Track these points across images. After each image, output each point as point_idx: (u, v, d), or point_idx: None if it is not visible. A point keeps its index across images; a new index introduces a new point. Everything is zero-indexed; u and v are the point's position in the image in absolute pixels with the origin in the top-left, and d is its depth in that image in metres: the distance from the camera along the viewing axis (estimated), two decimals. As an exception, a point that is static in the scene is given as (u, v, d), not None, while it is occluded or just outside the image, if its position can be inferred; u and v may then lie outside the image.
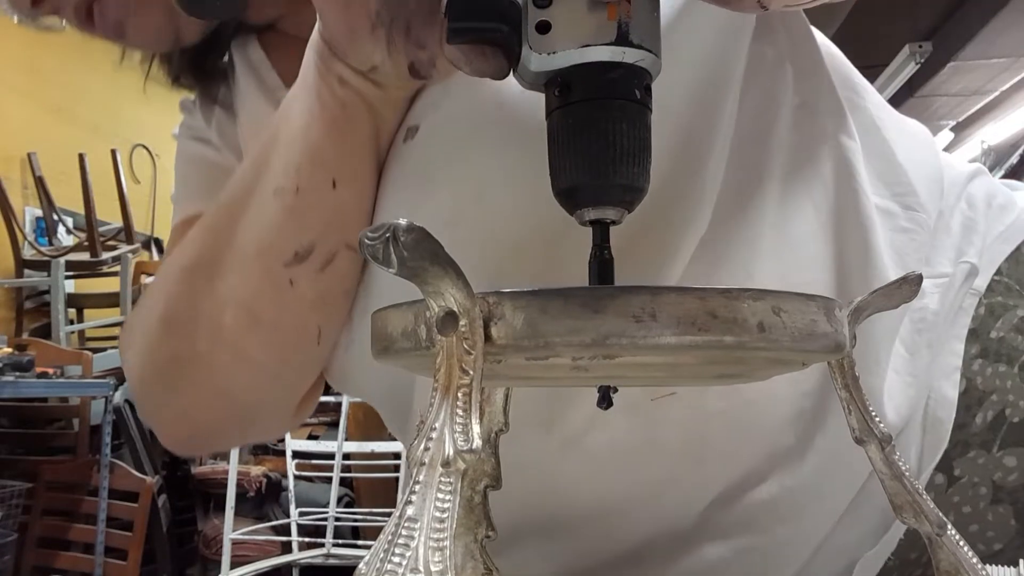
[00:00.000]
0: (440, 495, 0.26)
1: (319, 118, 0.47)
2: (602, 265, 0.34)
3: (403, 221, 0.26)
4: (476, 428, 0.28)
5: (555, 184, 0.35)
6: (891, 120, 0.60)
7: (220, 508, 3.39)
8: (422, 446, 0.27)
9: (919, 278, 0.35)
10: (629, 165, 0.34)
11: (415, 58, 0.43)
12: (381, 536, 0.27)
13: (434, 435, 0.27)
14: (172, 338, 0.54)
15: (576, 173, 0.34)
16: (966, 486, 0.53)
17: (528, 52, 0.34)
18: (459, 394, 0.28)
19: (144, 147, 4.75)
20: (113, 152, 3.77)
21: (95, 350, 3.42)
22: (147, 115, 4.82)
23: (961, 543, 0.35)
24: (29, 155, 3.71)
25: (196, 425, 0.57)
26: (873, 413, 0.35)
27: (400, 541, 0.25)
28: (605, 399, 0.38)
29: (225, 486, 2.91)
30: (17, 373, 2.56)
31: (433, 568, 0.25)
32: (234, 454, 2.94)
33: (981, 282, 0.56)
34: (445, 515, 0.26)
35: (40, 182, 3.66)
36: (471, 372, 0.28)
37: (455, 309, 0.28)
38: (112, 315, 3.70)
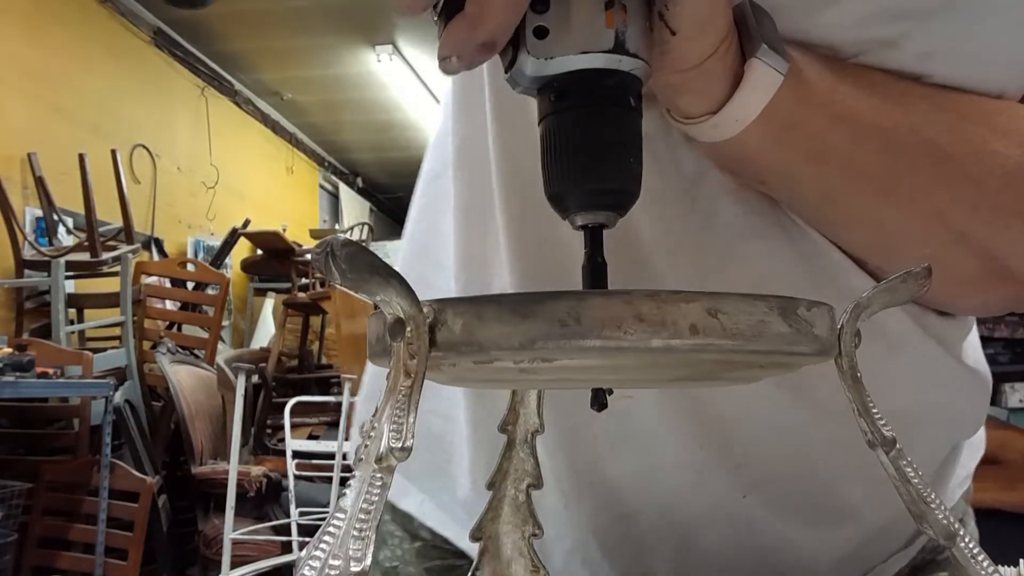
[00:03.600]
0: (370, 488, 0.28)
1: None
2: (595, 270, 0.34)
3: (340, 236, 0.28)
4: (410, 429, 0.29)
5: (548, 188, 0.35)
6: None
7: (220, 508, 3.39)
8: (363, 444, 0.29)
9: (926, 271, 0.33)
10: (622, 170, 0.34)
11: None
12: (323, 526, 0.29)
13: (373, 434, 0.29)
14: None
15: (570, 178, 0.34)
16: None
17: (525, 57, 0.34)
18: (399, 396, 0.29)
19: (144, 147, 4.75)
20: (113, 152, 3.77)
21: (95, 350, 3.42)
22: (147, 115, 4.83)
23: (976, 551, 0.33)
24: (29, 155, 3.71)
25: None
26: (877, 415, 0.34)
27: (330, 530, 0.27)
28: (596, 400, 0.38)
29: (225, 486, 2.91)
30: (17, 373, 2.56)
31: (352, 554, 0.27)
32: (234, 454, 2.94)
33: None
34: (372, 507, 0.28)
35: (40, 182, 3.65)
36: (412, 375, 0.30)
37: (401, 316, 0.29)
38: (112, 315, 3.69)
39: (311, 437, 3.51)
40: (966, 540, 0.33)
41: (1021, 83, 0.43)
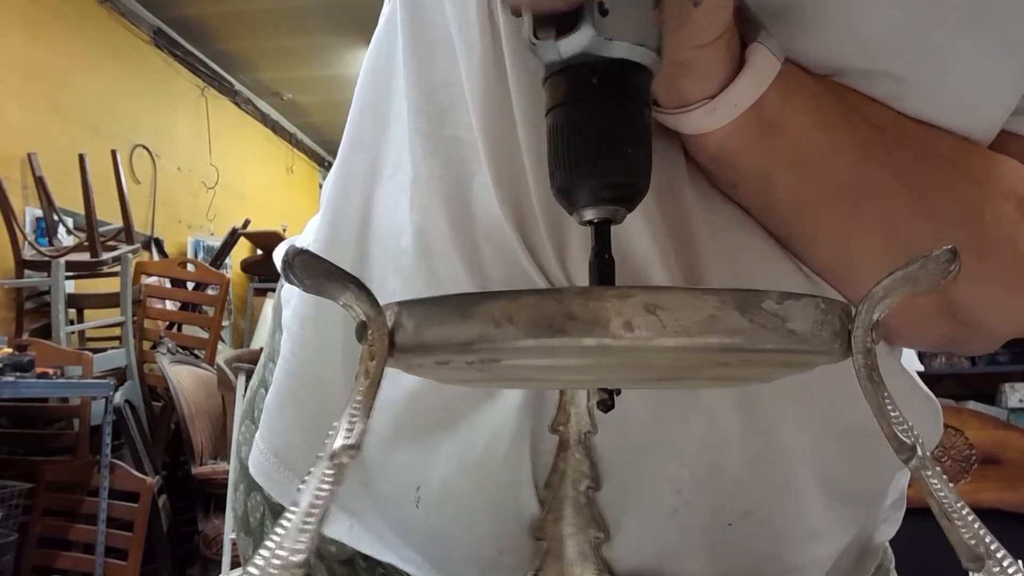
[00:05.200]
0: (321, 485, 0.29)
1: None
2: (602, 266, 0.34)
3: (295, 245, 0.29)
4: (361, 428, 0.30)
5: (557, 180, 0.34)
6: None
7: (220, 508, 3.39)
8: (325, 441, 0.31)
9: (950, 253, 0.29)
10: (640, 164, 0.33)
11: None
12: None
13: (332, 432, 0.30)
14: None
15: (585, 170, 0.33)
16: None
17: (588, 30, 0.32)
18: (357, 396, 0.30)
19: (144, 147, 4.75)
20: (113, 152, 3.77)
21: (95, 350, 3.42)
22: (147, 115, 4.83)
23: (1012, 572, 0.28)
24: (29, 155, 3.70)
25: None
26: (896, 419, 0.30)
27: (283, 523, 0.29)
28: (603, 402, 0.38)
29: (225, 486, 2.91)
30: (17, 373, 2.56)
31: (296, 547, 0.28)
32: (234, 454, 2.94)
33: None
34: (319, 502, 0.29)
35: (40, 182, 3.65)
36: (369, 376, 0.30)
37: (364, 319, 0.30)
38: (112, 315, 3.69)
39: (311, 437, 3.50)
40: (1004, 563, 0.27)
41: (987, 131, 0.44)
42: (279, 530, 0.28)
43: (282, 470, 0.58)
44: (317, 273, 0.29)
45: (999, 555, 0.27)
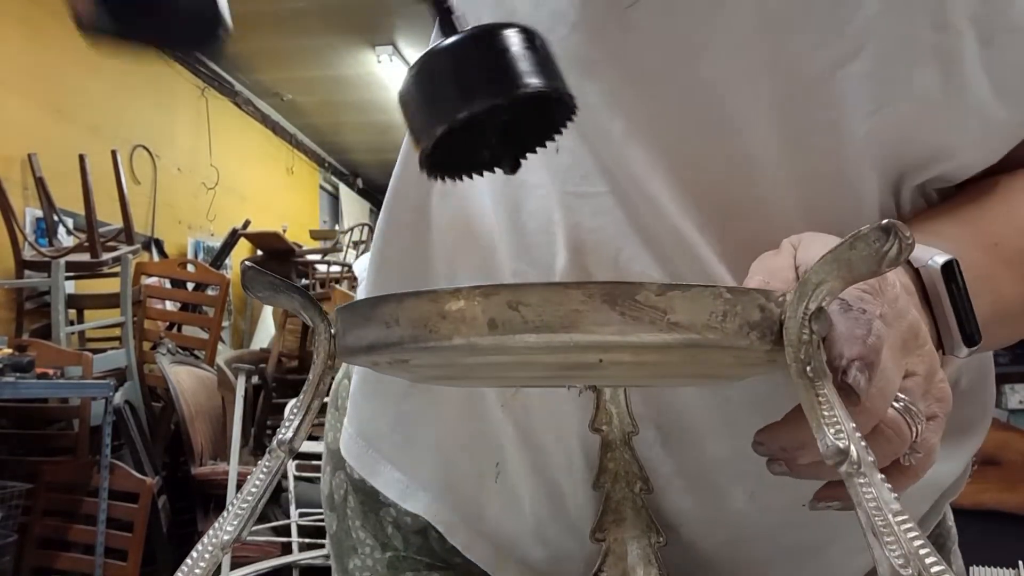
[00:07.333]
0: (260, 474, 0.33)
1: None
2: (443, 16, 0.35)
3: (246, 263, 0.31)
4: (298, 425, 0.33)
5: None
6: None
7: (220, 509, 3.38)
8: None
9: (879, 231, 0.26)
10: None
11: None
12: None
13: (279, 428, 0.34)
14: None
15: None
16: None
17: None
18: (302, 395, 0.33)
19: (144, 148, 4.75)
20: (113, 153, 3.77)
21: (95, 351, 3.42)
22: (147, 115, 4.83)
23: None
24: (29, 156, 3.70)
25: None
26: (830, 418, 0.28)
27: (230, 508, 0.33)
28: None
29: (225, 486, 2.91)
30: (17, 374, 2.56)
31: (228, 527, 0.32)
32: (234, 454, 2.94)
33: None
34: (255, 489, 0.32)
35: (40, 183, 3.65)
36: (311, 378, 0.33)
37: (311, 325, 0.33)
38: (112, 316, 3.69)
39: (311, 437, 3.50)
40: None
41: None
42: (225, 513, 0.31)
43: (369, 452, 0.62)
44: (263, 286, 0.31)
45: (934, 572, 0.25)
